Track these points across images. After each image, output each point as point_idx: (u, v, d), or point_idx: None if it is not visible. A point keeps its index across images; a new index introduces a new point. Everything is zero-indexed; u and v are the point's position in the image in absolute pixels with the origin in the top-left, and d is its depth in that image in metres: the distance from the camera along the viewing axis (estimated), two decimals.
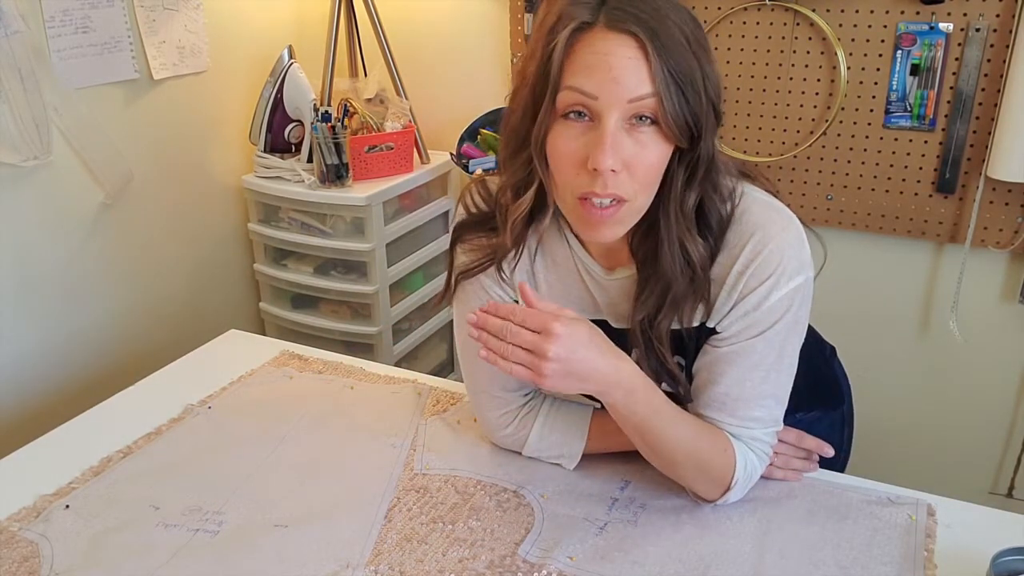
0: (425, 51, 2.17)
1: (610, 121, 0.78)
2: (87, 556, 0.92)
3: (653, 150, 0.81)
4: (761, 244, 0.86)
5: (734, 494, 0.94)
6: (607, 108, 0.78)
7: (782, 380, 0.93)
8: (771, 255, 0.86)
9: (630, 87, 0.77)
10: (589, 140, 0.80)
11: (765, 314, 0.88)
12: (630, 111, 0.79)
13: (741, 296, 0.88)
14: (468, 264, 0.98)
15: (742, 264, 0.87)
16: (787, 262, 0.87)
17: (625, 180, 0.81)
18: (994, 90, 1.64)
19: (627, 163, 0.80)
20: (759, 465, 0.95)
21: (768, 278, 0.87)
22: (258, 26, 2.10)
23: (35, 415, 1.69)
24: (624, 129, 0.79)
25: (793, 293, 0.88)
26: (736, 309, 0.89)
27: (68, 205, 1.71)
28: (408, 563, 0.90)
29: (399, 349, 2.13)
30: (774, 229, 0.87)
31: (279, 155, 2.02)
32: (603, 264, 0.95)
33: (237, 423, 1.17)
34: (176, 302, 2.02)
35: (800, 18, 1.75)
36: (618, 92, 0.77)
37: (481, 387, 1.05)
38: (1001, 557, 0.81)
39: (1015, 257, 1.75)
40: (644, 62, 0.77)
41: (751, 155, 1.88)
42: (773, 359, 0.90)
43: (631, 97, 0.78)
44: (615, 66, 0.77)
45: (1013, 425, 1.86)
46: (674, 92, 0.78)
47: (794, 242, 0.88)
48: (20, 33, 1.52)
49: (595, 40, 0.78)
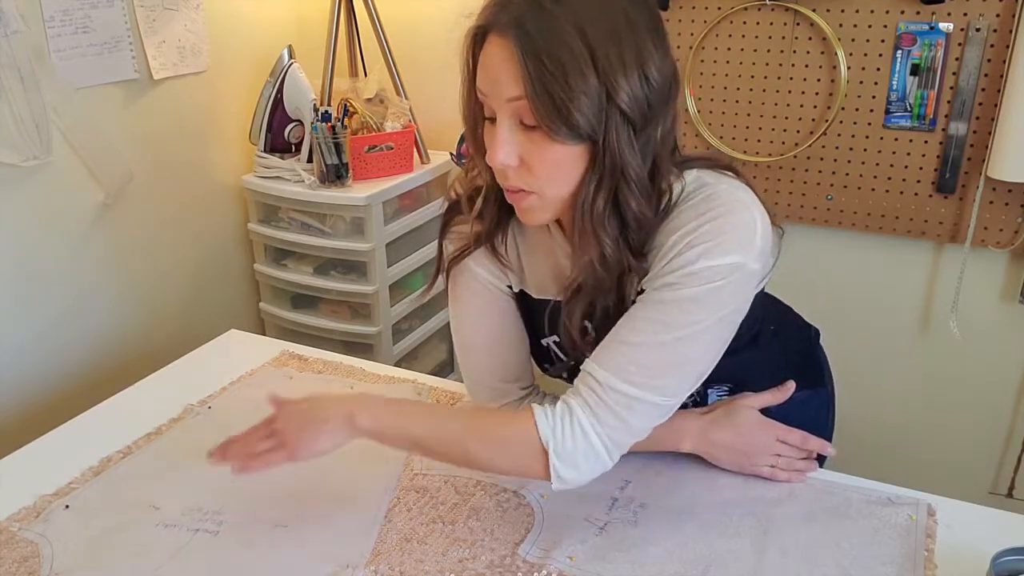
0: (425, 51, 2.17)
1: (502, 119, 0.82)
2: (87, 556, 0.92)
3: (548, 149, 0.81)
4: (710, 217, 0.83)
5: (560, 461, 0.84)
6: (497, 107, 0.82)
7: (681, 352, 0.84)
8: (715, 227, 0.82)
9: (505, 88, 0.80)
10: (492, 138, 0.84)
11: (687, 276, 0.83)
12: (513, 111, 0.81)
13: (671, 258, 0.84)
14: (453, 253, 1.00)
15: (686, 231, 0.83)
16: (729, 238, 0.82)
17: (524, 174, 0.84)
18: (994, 90, 1.64)
19: (523, 160, 0.83)
20: (587, 422, 0.84)
21: (701, 244, 0.82)
22: (258, 26, 2.10)
23: (35, 415, 1.69)
24: (520, 128, 0.82)
25: (725, 270, 0.82)
26: (665, 266, 0.84)
27: (68, 205, 1.71)
28: (408, 563, 0.90)
29: (399, 349, 2.13)
30: (728, 207, 0.84)
31: (279, 155, 2.02)
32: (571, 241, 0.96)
33: (237, 423, 1.16)
34: (176, 302, 2.02)
35: (800, 18, 1.75)
36: (497, 92, 0.81)
37: (479, 379, 1.05)
38: (1001, 557, 0.81)
39: (1015, 257, 1.75)
40: (513, 62, 0.78)
41: (751, 155, 1.88)
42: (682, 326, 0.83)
43: (508, 97, 0.80)
44: (494, 67, 0.80)
45: (1013, 425, 1.86)
46: (546, 99, 0.77)
47: (745, 224, 0.84)
48: (20, 33, 1.52)
49: (488, 43, 0.82)
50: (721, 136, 1.90)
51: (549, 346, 1.05)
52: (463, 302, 1.03)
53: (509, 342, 1.04)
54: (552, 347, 1.05)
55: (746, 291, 0.86)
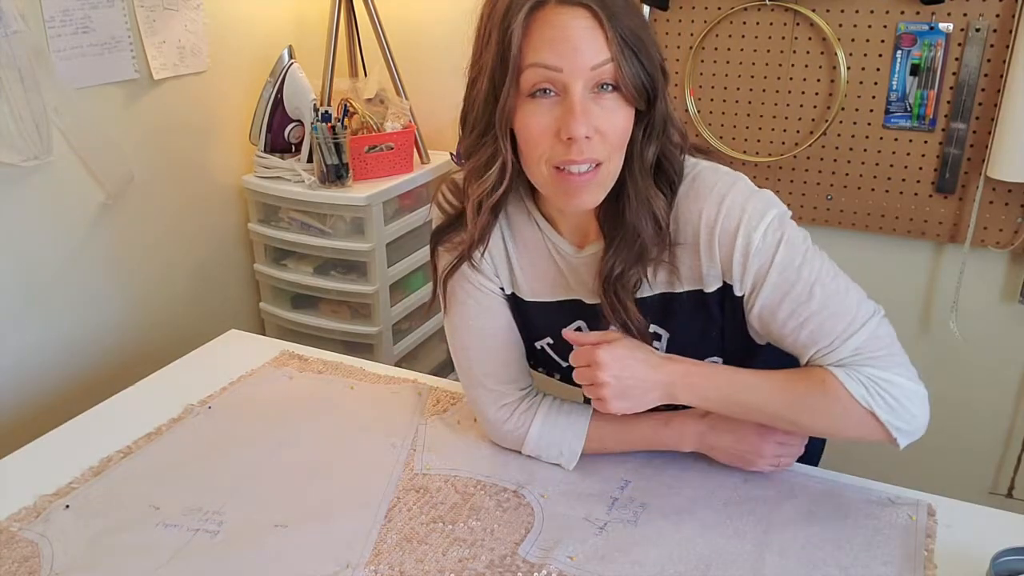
0: (425, 51, 2.17)
1: (576, 91, 0.82)
2: (87, 556, 0.92)
3: (619, 114, 0.84)
4: (717, 201, 0.88)
5: (893, 417, 0.87)
6: (572, 78, 0.81)
7: (830, 290, 0.88)
8: (732, 207, 0.88)
9: (590, 55, 0.81)
10: (559, 113, 0.83)
11: (759, 253, 0.88)
12: (592, 79, 0.82)
13: (726, 253, 0.89)
14: (450, 262, 1.00)
15: (708, 223, 0.89)
16: (750, 207, 0.88)
17: (598, 144, 0.84)
18: (994, 90, 1.64)
19: (598, 129, 0.83)
20: (878, 372, 0.87)
21: (739, 227, 0.87)
22: (258, 26, 2.10)
23: (35, 415, 1.69)
24: (590, 98, 0.83)
25: (774, 226, 0.88)
26: (735, 266, 0.89)
27: (68, 205, 1.71)
28: (408, 563, 0.90)
29: (399, 349, 2.13)
30: (724, 185, 0.89)
31: (279, 155, 2.02)
32: (573, 242, 0.97)
33: (237, 423, 1.17)
34: (176, 302, 2.02)
35: (800, 18, 1.75)
36: (580, 61, 0.81)
37: (477, 382, 1.05)
38: (1001, 557, 0.81)
39: (1015, 257, 1.75)
40: (600, 30, 0.81)
41: (751, 155, 1.88)
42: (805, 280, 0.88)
43: (593, 64, 0.81)
44: (573, 37, 0.81)
45: (1013, 425, 1.86)
46: (629, 56, 0.82)
47: (746, 191, 0.89)
48: (20, 33, 1.52)
49: (550, 16, 0.81)
50: (721, 136, 1.90)
51: (543, 348, 1.05)
52: (457, 306, 1.03)
53: (504, 344, 1.04)
54: (547, 349, 1.05)
55: (796, 226, 0.90)
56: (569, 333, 0.94)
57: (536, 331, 1.04)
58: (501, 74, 0.84)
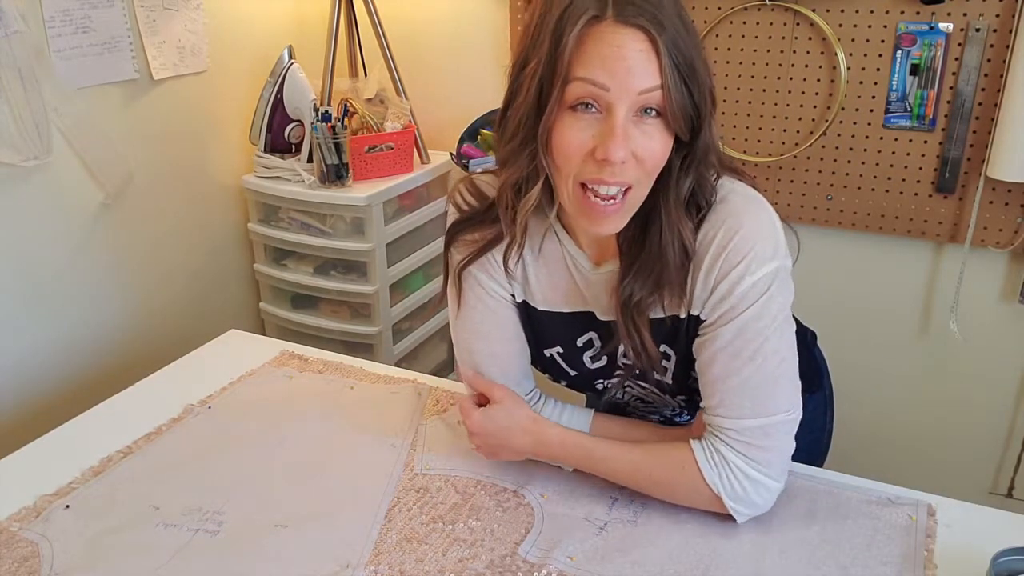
0: (425, 51, 2.17)
1: (620, 113, 0.79)
2: (87, 556, 0.92)
3: (658, 140, 0.82)
4: (733, 230, 0.87)
5: (737, 504, 0.92)
6: (618, 100, 0.79)
7: (767, 370, 0.89)
8: (743, 241, 0.87)
9: (641, 79, 0.79)
10: (599, 132, 0.81)
11: (739, 299, 0.88)
12: (638, 103, 0.80)
13: (716, 281, 0.88)
14: (467, 256, 0.99)
15: (716, 249, 0.88)
16: (759, 248, 0.87)
17: (632, 169, 0.82)
18: (994, 90, 1.64)
19: (635, 153, 0.81)
20: (742, 463, 0.91)
21: (740, 263, 0.87)
22: (258, 26, 2.10)
23: (35, 415, 1.69)
24: (632, 121, 0.81)
25: (767, 279, 0.87)
26: (714, 294, 0.89)
27: (68, 205, 1.71)
28: (408, 563, 0.90)
29: (399, 349, 2.13)
30: (746, 216, 0.88)
31: (279, 155, 2.02)
32: (591, 257, 0.96)
33: (237, 423, 1.17)
34: (176, 302, 2.02)
35: (800, 18, 1.75)
36: (630, 84, 0.79)
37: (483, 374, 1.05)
38: (1001, 557, 0.81)
39: (1015, 257, 1.75)
40: (654, 55, 0.78)
41: (751, 155, 1.88)
42: (755, 347, 0.88)
43: (641, 89, 0.79)
44: (627, 57, 0.78)
45: (1013, 425, 1.86)
46: (680, 84, 0.80)
47: (766, 229, 0.88)
48: (20, 33, 1.52)
49: (606, 33, 0.78)
50: (721, 136, 1.90)
51: (553, 356, 1.05)
52: (467, 308, 1.02)
53: (510, 351, 1.04)
54: (556, 357, 1.05)
55: (789, 285, 0.92)
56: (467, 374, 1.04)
57: (546, 340, 1.04)
58: (549, 83, 0.81)
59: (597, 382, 1.05)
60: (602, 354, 1.01)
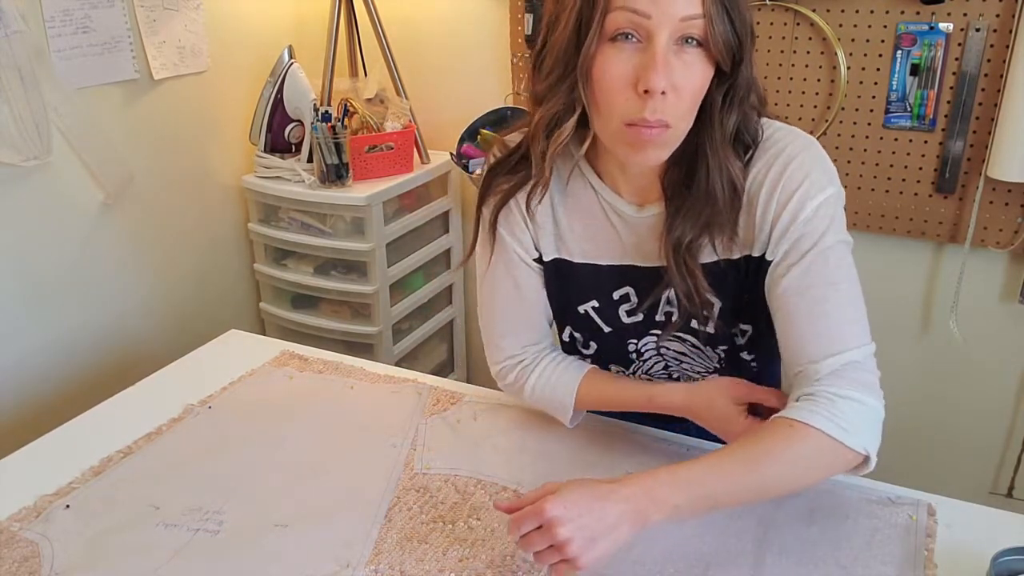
0: (425, 51, 2.17)
1: (661, 40, 0.79)
2: (87, 556, 0.92)
3: (699, 71, 0.82)
4: (785, 162, 0.87)
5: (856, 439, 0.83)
6: (659, 27, 0.78)
7: (854, 295, 0.88)
8: (797, 170, 0.87)
9: (682, 5, 0.78)
10: (640, 62, 0.80)
11: (806, 224, 0.86)
12: (679, 31, 0.79)
13: (776, 213, 0.87)
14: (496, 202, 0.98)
15: (771, 183, 0.87)
16: (814, 174, 0.87)
17: (673, 103, 0.81)
18: (994, 90, 1.64)
19: (675, 85, 0.80)
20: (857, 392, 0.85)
21: (798, 189, 0.86)
22: (258, 26, 2.10)
23: (35, 415, 1.69)
24: (672, 50, 0.80)
25: (829, 203, 0.87)
26: (776, 227, 0.88)
27: (68, 205, 1.71)
28: (408, 563, 0.90)
29: (399, 349, 2.13)
30: (796, 147, 0.88)
31: (279, 155, 2.02)
32: (633, 202, 0.95)
33: (237, 423, 1.17)
34: (176, 302, 2.02)
35: (800, 18, 1.75)
36: (671, 10, 0.78)
37: (493, 342, 1.07)
38: (1001, 557, 0.81)
39: (1015, 257, 1.75)
40: None
41: None
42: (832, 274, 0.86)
43: (684, 16, 0.78)
44: None
45: (1013, 425, 1.86)
46: (720, 13, 0.79)
47: (818, 157, 0.89)
48: (20, 33, 1.52)
49: None
50: None
51: (587, 312, 1.03)
52: (488, 260, 1.03)
53: (527, 314, 1.04)
54: (590, 313, 1.03)
55: (843, 215, 0.89)
56: (500, 504, 0.84)
57: (582, 294, 1.02)
58: (588, 13, 0.80)
59: (629, 342, 1.03)
60: (638, 310, 0.99)
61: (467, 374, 2.49)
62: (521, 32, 2.00)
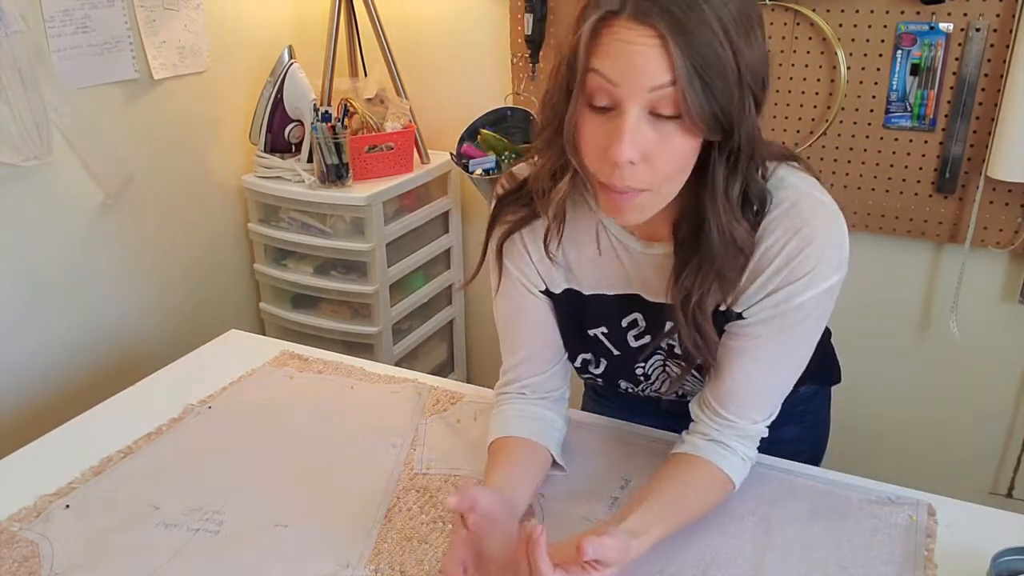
0: (425, 51, 2.17)
1: (630, 111, 0.77)
2: (87, 556, 0.92)
3: (677, 143, 0.79)
4: (806, 241, 0.86)
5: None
6: (627, 97, 0.77)
7: (791, 375, 0.94)
8: (813, 252, 0.86)
9: (648, 76, 0.76)
10: (610, 130, 0.79)
11: (795, 310, 0.88)
12: (651, 101, 0.77)
13: (775, 289, 0.88)
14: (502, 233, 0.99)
15: (784, 260, 0.87)
16: (827, 261, 0.87)
17: (643, 172, 0.80)
18: (994, 90, 1.64)
19: (647, 155, 0.79)
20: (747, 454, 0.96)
21: (805, 275, 0.87)
22: (258, 26, 2.10)
23: (35, 415, 1.69)
24: (647, 120, 0.78)
25: (825, 293, 0.88)
26: (768, 299, 0.88)
27: (68, 205, 1.71)
28: (408, 563, 0.90)
29: (399, 349, 2.13)
30: (818, 225, 0.87)
31: (279, 155, 2.02)
32: (641, 238, 0.95)
33: (237, 423, 1.17)
34: (176, 302, 2.02)
35: (800, 18, 1.75)
36: (638, 80, 0.76)
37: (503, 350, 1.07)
38: (1001, 557, 0.81)
39: (1015, 257, 1.75)
40: (664, 52, 0.75)
41: None
42: (790, 355, 0.92)
43: (651, 86, 0.76)
44: (634, 54, 0.76)
45: (1013, 425, 1.86)
46: (698, 85, 0.76)
47: (837, 240, 0.88)
48: (20, 33, 1.52)
49: (619, 29, 0.77)
50: None
51: (597, 336, 1.03)
52: (499, 291, 1.03)
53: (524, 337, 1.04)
54: (600, 337, 1.03)
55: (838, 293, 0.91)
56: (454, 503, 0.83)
57: (592, 320, 1.03)
58: (570, 74, 0.81)
59: (637, 366, 1.04)
60: (645, 333, 1.00)
61: (467, 374, 2.49)
62: (521, 32, 2.00)
